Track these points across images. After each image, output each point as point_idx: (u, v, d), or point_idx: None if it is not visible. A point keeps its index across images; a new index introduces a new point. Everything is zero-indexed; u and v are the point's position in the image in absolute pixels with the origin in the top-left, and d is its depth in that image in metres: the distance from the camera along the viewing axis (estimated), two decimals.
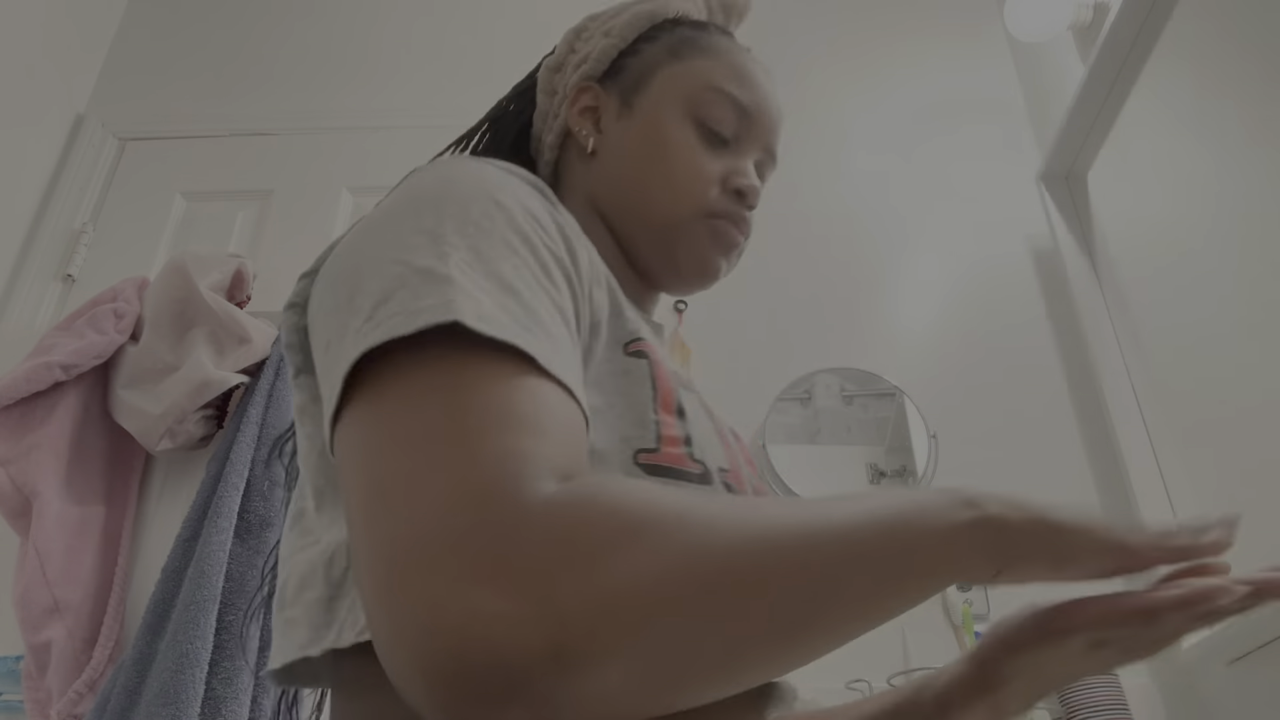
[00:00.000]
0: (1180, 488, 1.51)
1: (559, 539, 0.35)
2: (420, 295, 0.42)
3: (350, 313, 0.44)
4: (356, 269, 0.47)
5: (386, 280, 0.44)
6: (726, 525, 0.39)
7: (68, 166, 2.03)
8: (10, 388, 1.53)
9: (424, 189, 0.50)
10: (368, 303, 0.43)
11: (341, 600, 0.46)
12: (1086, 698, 1.31)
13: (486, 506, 0.36)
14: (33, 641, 1.43)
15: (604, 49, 0.76)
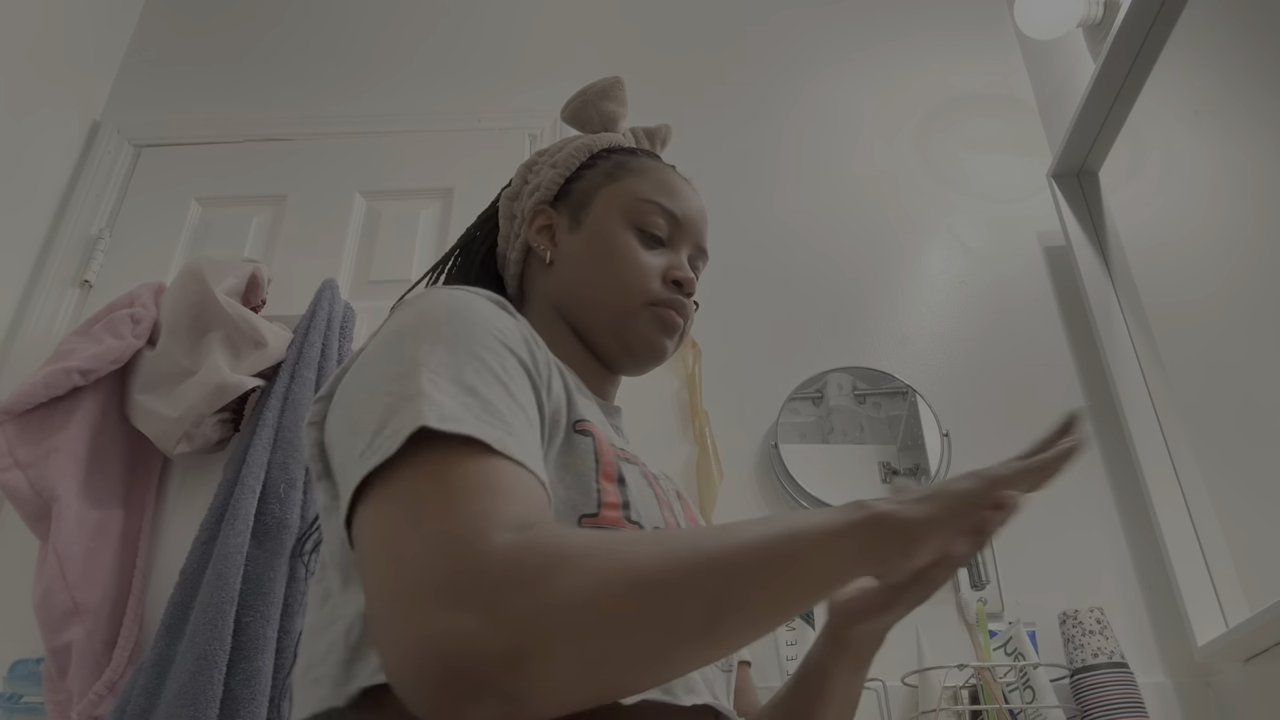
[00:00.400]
0: (1195, 485, 1.50)
1: (510, 568, 0.46)
2: (400, 415, 0.53)
3: (354, 439, 0.56)
4: (354, 402, 0.60)
5: (379, 410, 0.56)
6: (645, 548, 0.50)
7: (84, 173, 2.05)
8: (29, 393, 1.54)
9: (405, 322, 0.63)
10: (367, 431, 0.55)
11: (358, 662, 0.57)
12: (1103, 696, 1.31)
13: (457, 552, 0.47)
14: (53, 644, 1.45)
15: (552, 178, 0.91)
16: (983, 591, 1.51)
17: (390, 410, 0.55)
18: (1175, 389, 1.59)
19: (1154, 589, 1.51)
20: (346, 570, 0.62)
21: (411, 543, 0.48)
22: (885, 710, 1.36)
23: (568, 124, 1.00)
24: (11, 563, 1.61)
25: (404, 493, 0.51)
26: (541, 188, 0.91)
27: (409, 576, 0.47)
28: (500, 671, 0.44)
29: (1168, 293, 1.66)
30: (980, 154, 2.03)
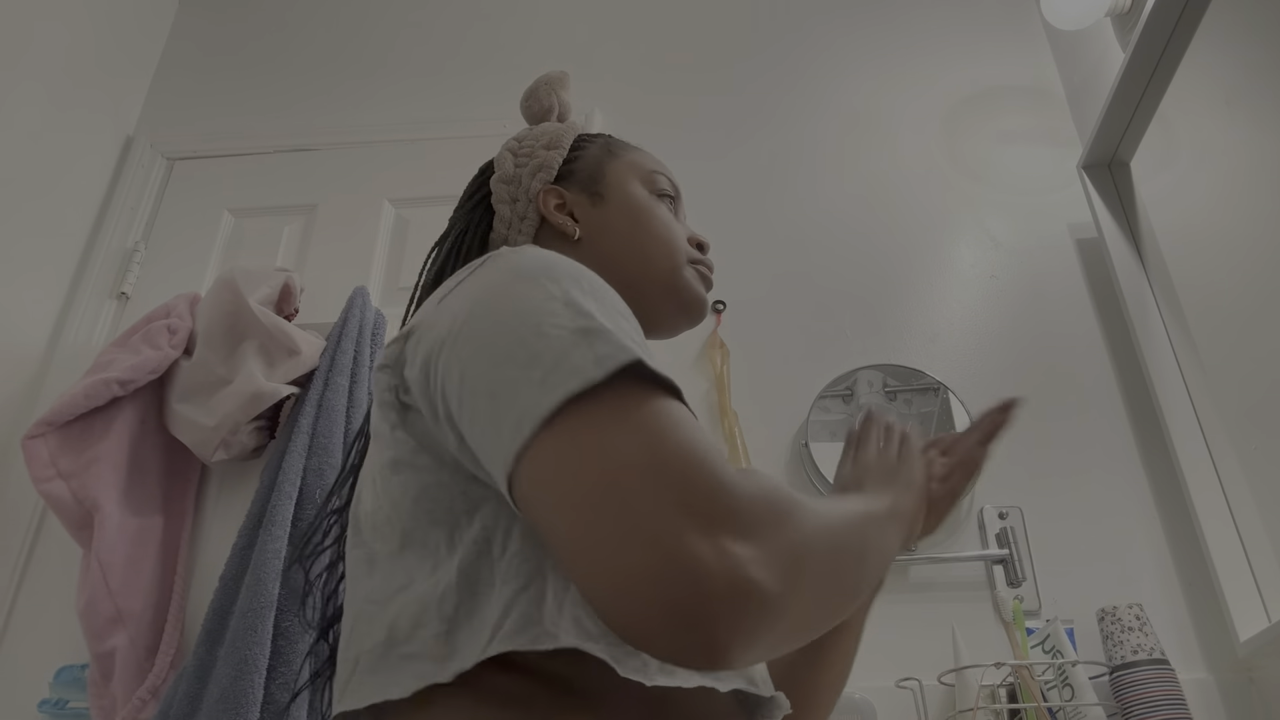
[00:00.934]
0: (1234, 477, 1.48)
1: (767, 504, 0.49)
2: (595, 347, 0.53)
3: (524, 368, 0.54)
4: (508, 333, 0.56)
5: (553, 341, 0.54)
6: (825, 508, 0.56)
7: (119, 187, 2.08)
8: (70, 404, 1.57)
9: (526, 267, 0.62)
10: (545, 359, 0.53)
11: (458, 633, 0.56)
12: (1143, 693, 1.29)
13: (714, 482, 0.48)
14: (97, 650, 1.47)
15: (551, 158, 0.93)
16: (1019, 589, 1.49)
17: (570, 343, 0.54)
18: (1212, 380, 1.57)
19: (1194, 584, 1.49)
20: (416, 530, 0.60)
21: (657, 467, 0.48)
22: (922, 710, 1.36)
23: (527, 112, 1.02)
24: (55, 571, 1.64)
25: (628, 417, 0.50)
26: (544, 168, 0.92)
27: (663, 500, 0.46)
28: (760, 600, 0.45)
29: (1203, 283, 1.63)
30: (1009, 147, 2.01)
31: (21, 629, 1.61)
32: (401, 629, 0.58)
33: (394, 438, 0.63)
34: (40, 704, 1.52)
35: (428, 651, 0.56)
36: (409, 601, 0.59)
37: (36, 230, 1.88)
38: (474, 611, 0.56)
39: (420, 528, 0.60)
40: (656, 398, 0.52)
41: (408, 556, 0.60)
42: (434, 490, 0.61)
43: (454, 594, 0.57)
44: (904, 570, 1.54)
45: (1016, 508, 1.57)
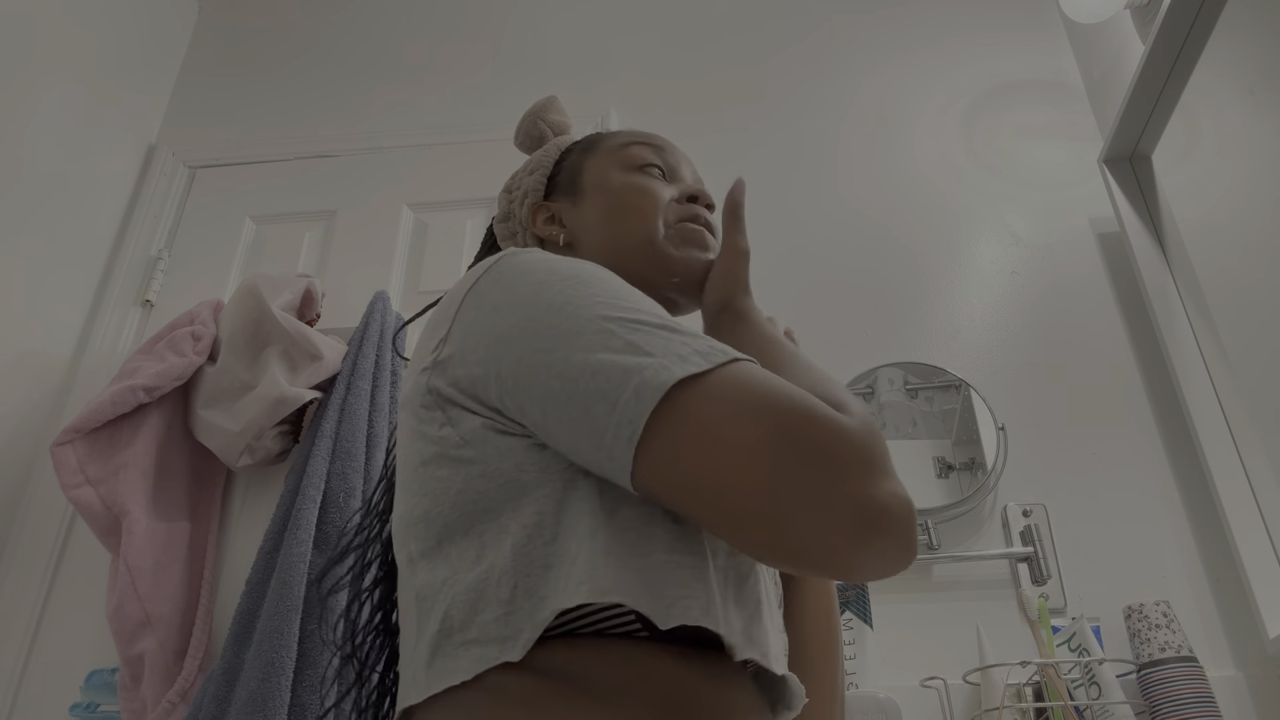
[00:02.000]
0: (1261, 471, 1.46)
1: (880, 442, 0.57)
2: (689, 343, 0.58)
3: (619, 354, 0.57)
4: (588, 323, 0.60)
5: (646, 334, 0.59)
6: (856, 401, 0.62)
7: (142, 196, 2.11)
8: (98, 411, 1.59)
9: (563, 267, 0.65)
10: (645, 348, 0.57)
11: (518, 614, 0.58)
12: (1171, 691, 1.28)
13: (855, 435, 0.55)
14: (127, 654, 1.49)
15: (535, 181, 0.95)
16: (1044, 587, 1.48)
17: (669, 338, 0.58)
18: (1238, 374, 1.55)
19: (1222, 580, 1.48)
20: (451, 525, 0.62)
21: (795, 436, 0.54)
22: (947, 709, 1.35)
23: (522, 146, 1.04)
24: (85, 576, 1.66)
25: (746, 400, 0.55)
26: (530, 192, 0.94)
27: (815, 463, 0.53)
28: (914, 520, 0.56)
29: (1227, 276, 1.62)
30: (1029, 141, 2.00)
31: (52, 634, 1.63)
32: (456, 617, 0.59)
33: (440, 435, 0.65)
34: (72, 708, 1.54)
35: (489, 635, 0.58)
36: (461, 589, 0.60)
37: (62, 239, 1.91)
38: (531, 591, 0.58)
39: (463, 519, 0.62)
40: (753, 369, 0.58)
41: (448, 550, 0.62)
42: (477, 482, 0.62)
43: (510, 576, 0.58)
44: (928, 569, 1.53)
45: (1040, 505, 1.56)
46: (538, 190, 0.94)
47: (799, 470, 0.53)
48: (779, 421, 0.54)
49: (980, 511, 1.58)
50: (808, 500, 0.53)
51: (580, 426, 0.58)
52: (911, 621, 1.50)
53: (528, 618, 0.57)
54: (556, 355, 0.59)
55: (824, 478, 0.53)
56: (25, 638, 1.62)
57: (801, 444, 0.53)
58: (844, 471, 0.53)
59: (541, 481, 0.61)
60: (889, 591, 1.51)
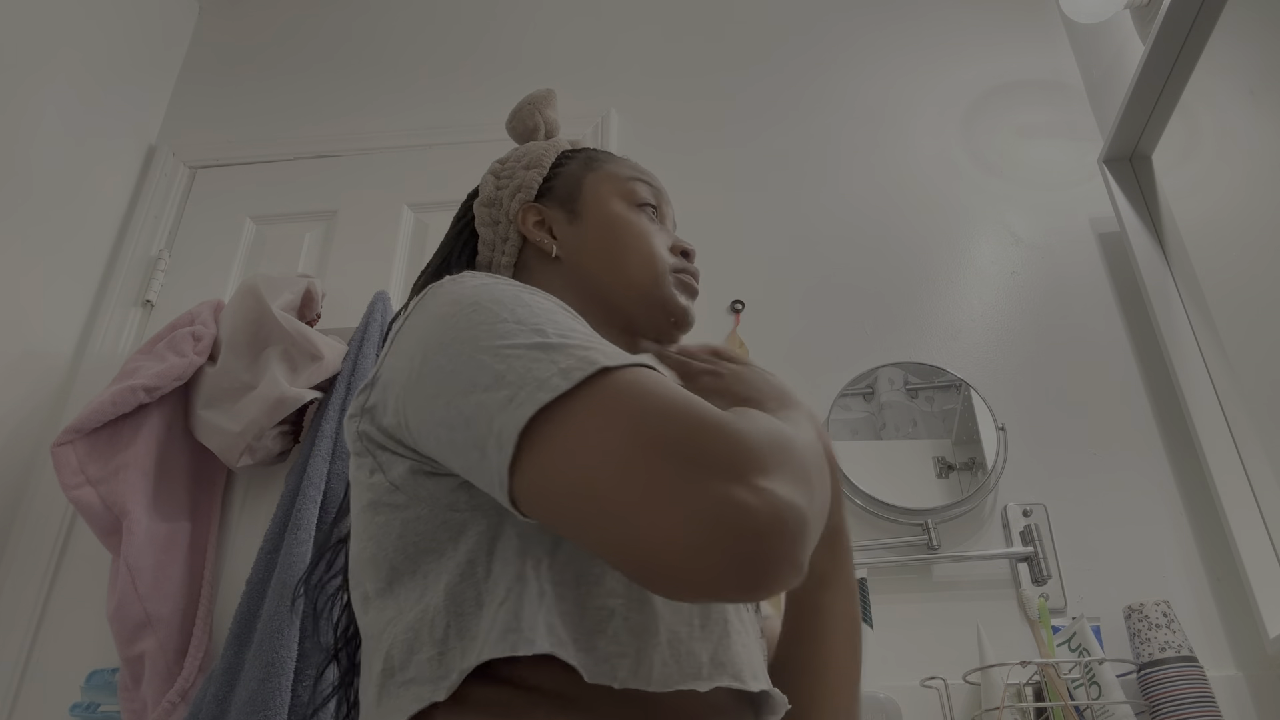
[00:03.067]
0: (1261, 471, 1.46)
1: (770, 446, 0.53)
2: (556, 361, 0.55)
3: (486, 392, 0.56)
4: (467, 363, 0.59)
5: (513, 361, 0.56)
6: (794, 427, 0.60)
7: (142, 196, 2.11)
8: (98, 412, 1.59)
9: (467, 296, 0.64)
10: (508, 379, 0.56)
11: (449, 653, 0.58)
12: (1171, 691, 1.28)
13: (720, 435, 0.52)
14: (127, 654, 1.49)
15: (531, 177, 0.94)
16: (1044, 587, 1.48)
17: (532, 359, 0.56)
18: (1238, 375, 1.55)
19: (1222, 580, 1.48)
20: (404, 564, 0.63)
21: (669, 437, 0.51)
22: (947, 709, 1.35)
23: (513, 132, 1.04)
24: (85, 577, 1.66)
25: (618, 405, 0.53)
26: (523, 188, 0.93)
27: (689, 464, 0.50)
28: (799, 519, 0.51)
29: (1227, 276, 1.62)
30: (1028, 141, 2.00)
31: (52, 634, 1.63)
32: (396, 658, 0.61)
33: (371, 482, 0.66)
34: (72, 708, 1.54)
35: (424, 675, 0.59)
36: (401, 630, 0.61)
37: (62, 239, 1.91)
38: (463, 631, 0.59)
39: (407, 560, 0.63)
40: (627, 376, 0.55)
41: (397, 590, 0.63)
42: (415, 524, 0.63)
43: (443, 616, 0.59)
44: (928, 569, 1.53)
45: (1041, 505, 1.57)
46: (531, 188, 0.93)
47: (655, 464, 0.50)
48: (639, 419, 0.52)
49: (980, 511, 1.58)
50: (659, 496, 0.49)
51: (471, 473, 0.58)
52: (912, 621, 1.50)
53: (458, 659, 0.58)
54: (440, 402, 0.59)
55: (681, 471, 0.49)
56: (26, 638, 1.62)
57: (661, 439, 0.51)
58: (707, 466, 0.50)
59: (475, 518, 0.62)
60: (889, 591, 1.51)
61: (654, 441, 0.51)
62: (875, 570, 1.51)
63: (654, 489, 0.49)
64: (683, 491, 0.49)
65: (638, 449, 0.51)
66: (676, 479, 0.49)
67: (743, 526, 0.48)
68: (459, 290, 0.66)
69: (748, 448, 0.51)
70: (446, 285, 0.68)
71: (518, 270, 0.92)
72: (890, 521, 1.58)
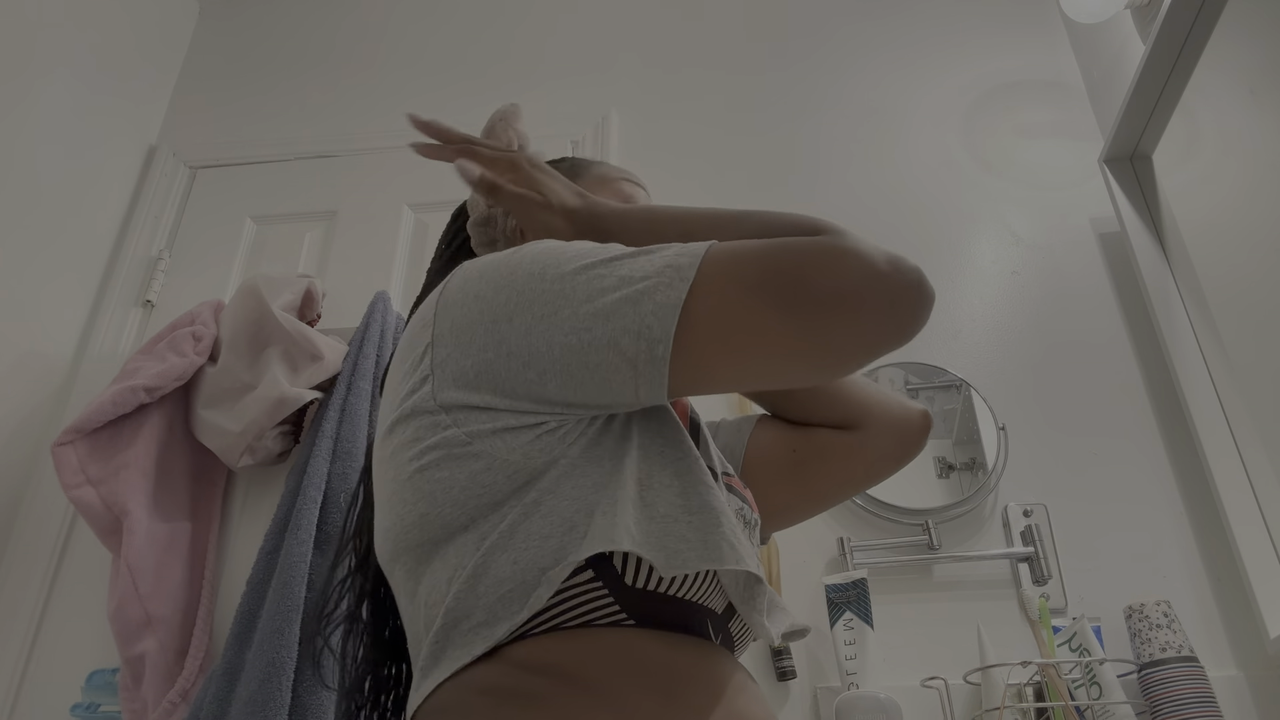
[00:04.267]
0: (1262, 471, 1.46)
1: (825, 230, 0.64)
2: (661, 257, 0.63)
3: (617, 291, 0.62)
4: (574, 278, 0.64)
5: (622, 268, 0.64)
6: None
7: (143, 196, 2.11)
8: (99, 412, 1.59)
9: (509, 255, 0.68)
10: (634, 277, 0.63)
11: (519, 589, 0.61)
12: (1172, 691, 1.28)
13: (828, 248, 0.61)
14: (128, 654, 1.49)
15: None
16: (1045, 587, 1.48)
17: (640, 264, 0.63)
18: (1239, 375, 1.55)
19: (1222, 580, 1.48)
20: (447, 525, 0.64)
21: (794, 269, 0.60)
22: (948, 709, 1.35)
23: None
24: (86, 577, 1.66)
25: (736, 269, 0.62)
26: None
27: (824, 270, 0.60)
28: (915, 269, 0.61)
29: (1228, 275, 1.62)
30: (1029, 141, 2.00)
31: (53, 634, 1.63)
32: (461, 609, 0.62)
33: (439, 439, 0.65)
34: (73, 708, 1.54)
35: (497, 615, 0.61)
36: (463, 579, 0.62)
37: (63, 240, 1.91)
38: (532, 563, 0.60)
39: (464, 515, 0.64)
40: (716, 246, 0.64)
41: (448, 548, 0.64)
42: (484, 475, 0.64)
43: (509, 554, 0.61)
44: (929, 569, 1.53)
45: (1041, 505, 1.56)
46: None
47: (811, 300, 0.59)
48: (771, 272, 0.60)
49: (981, 511, 1.58)
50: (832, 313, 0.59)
51: (607, 369, 0.62)
52: (912, 621, 1.50)
53: (529, 588, 0.60)
54: (563, 314, 0.63)
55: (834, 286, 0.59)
56: (26, 638, 1.62)
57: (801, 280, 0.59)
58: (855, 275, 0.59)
59: (548, 466, 0.64)
60: (890, 591, 1.51)
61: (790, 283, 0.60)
62: (876, 570, 1.51)
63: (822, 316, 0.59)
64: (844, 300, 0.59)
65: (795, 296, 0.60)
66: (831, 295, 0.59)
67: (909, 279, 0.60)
68: (499, 254, 0.68)
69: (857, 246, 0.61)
70: (474, 260, 0.70)
71: None
72: (891, 522, 1.57)
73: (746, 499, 0.83)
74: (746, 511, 0.81)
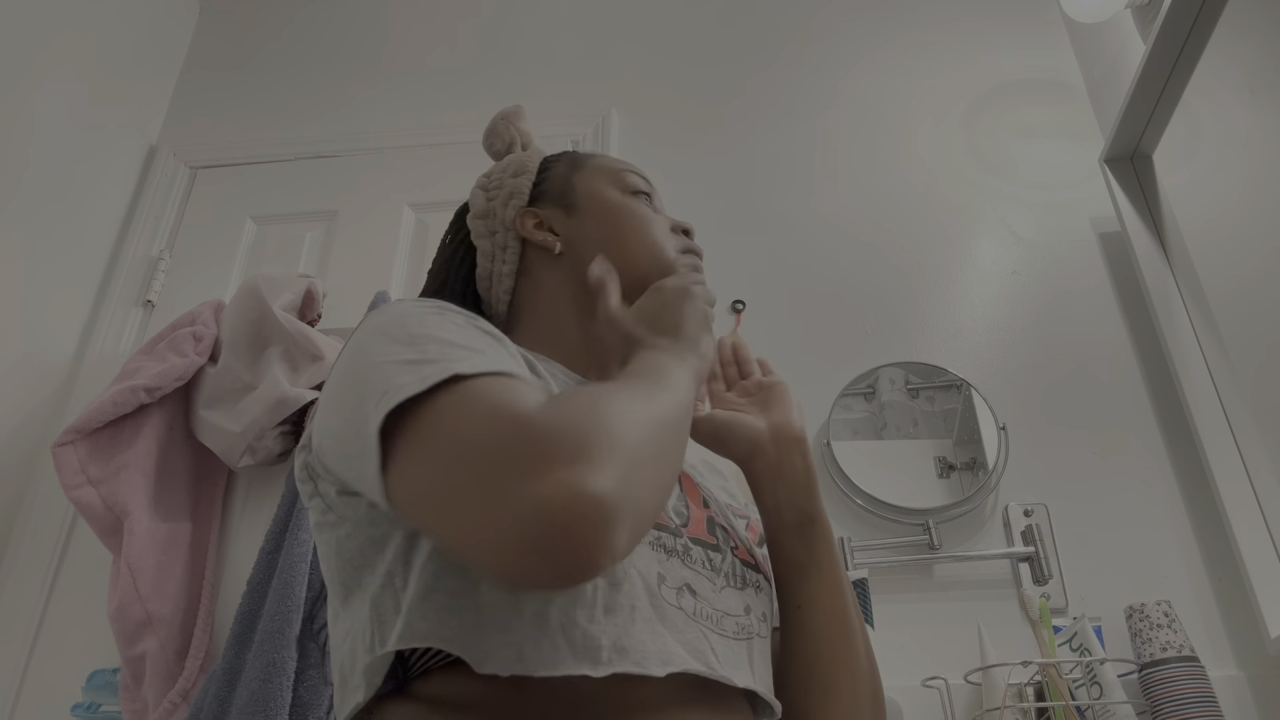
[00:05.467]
0: (1262, 471, 1.46)
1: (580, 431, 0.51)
2: (418, 370, 0.57)
3: (361, 403, 0.59)
4: (355, 381, 0.62)
5: (385, 373, 0.59)
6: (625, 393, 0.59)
7: (143, 196, 2.11)
8: (99, 412, 1.59)
9: (378, 323, 0.66)
10: (376, 389, 0.58)
11: (375, 660, 0.62)
12: (1173, 691, 1.28)
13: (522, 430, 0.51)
14: (128, 654, 1.49)
15: (520, 184, 0.95)
16: (1045, 587, 1.48)
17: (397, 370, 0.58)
18: (1239, 374, 1.55)
19: (1223, 580, 1.48)
20: (346, 584, 0.67)
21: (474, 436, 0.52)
22: (949, 709, 1.35)
23: (490, 149, 1.05)
24: (86, 577, 1.66)
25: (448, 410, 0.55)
26: (516, 194, 0.94)
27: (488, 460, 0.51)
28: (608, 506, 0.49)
29: (1228, 275, 1.62)
30: (1029, 141, 2.00)
31: (54, 634, 1.63)
32: (345, 668, 0.65)
33: (311, 505, 0.70)
34: (73, 708, 1.54)
35: (360, 683, 0.63)
36: (345, 642, 0.66)
37: (63, 240, 1.91)
38: (384, 639, 0.61)
39: (352, 575, 0.66)
40: (474, 383, 0.56)
41: (350, 605, 0.66)
42: (346, 542, 0.67)
43: (369, 625, 0.63)
44: (929, 569, 1.53)
45: (1042, 505, 1.56)
46: (524, 193, 0.94)
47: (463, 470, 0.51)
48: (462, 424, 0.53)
49: (981, 511, 1.58)
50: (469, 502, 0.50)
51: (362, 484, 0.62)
52: (913, 621, 1.50)
53: (383, 661, 0.62)
54: (337, 420, 0.64)
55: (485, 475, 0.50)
56: (27, 638, 1.62)
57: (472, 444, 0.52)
58: (508, 466, 0.50)
59: (393, 531, 0.64)
60: (890, 591, 1.51)
61: (466, 447, 0.52)
62: (876, 570, 1.51)
63: (465, 494, 0.51)
64: (486, 496, 0.50)
65: (454, 457, 0.52)
66: (481, 483, 0.50)
67: (543, 522, 0.48)
68: (374, 317, 0.68)
69: (547, 441, 0.50)
70: (368, 317, 0.70)
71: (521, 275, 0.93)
72: (891, 521, 1.57)
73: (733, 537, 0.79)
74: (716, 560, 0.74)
